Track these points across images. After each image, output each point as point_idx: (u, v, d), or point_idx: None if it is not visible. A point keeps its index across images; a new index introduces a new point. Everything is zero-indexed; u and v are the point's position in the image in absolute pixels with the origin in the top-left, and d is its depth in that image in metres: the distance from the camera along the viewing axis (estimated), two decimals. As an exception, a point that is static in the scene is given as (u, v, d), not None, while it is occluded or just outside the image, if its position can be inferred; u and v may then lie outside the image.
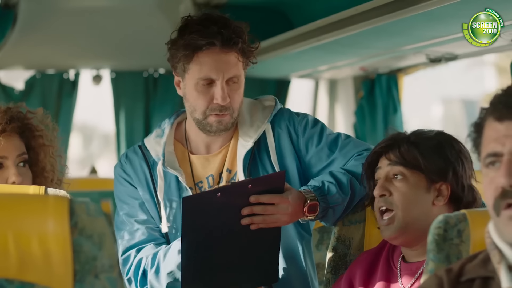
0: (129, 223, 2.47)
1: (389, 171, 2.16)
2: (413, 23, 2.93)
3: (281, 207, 2.23)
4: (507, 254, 1.53)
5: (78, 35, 4.91)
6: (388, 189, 2.15)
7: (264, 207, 2.23)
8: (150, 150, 2.50)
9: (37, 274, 1.65)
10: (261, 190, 2.23)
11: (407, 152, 2.14)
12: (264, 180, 2.27)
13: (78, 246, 1.67)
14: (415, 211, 2.12)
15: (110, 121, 5.43)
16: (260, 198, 2.22)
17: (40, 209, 1.67)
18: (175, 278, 2.34)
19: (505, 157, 1.50)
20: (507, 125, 1.51)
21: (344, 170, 2.38)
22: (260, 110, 2.52)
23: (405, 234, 2.13)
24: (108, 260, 1.68)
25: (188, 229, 2.22)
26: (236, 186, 2.27)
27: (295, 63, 4.58)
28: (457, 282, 1.59)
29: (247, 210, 2.22)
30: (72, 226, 1.66)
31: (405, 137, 2.18)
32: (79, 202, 1.68)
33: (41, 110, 2.65)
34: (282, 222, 2.26)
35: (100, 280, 1.67)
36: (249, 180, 2.26)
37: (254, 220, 2.23)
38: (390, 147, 2.18)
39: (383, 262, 2.21)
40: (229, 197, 2.21)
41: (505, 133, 1.51)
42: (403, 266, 2.17)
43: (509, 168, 1.49)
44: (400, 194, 2.13)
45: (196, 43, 2.35)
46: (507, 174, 1.49)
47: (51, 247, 1.65)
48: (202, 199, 2.24)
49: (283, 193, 2.25)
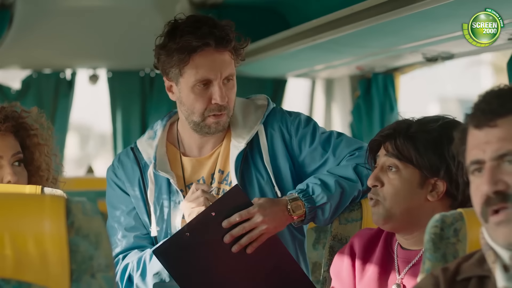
0: (117, 230, 2.47)
1: (384, 162, 2.15)
2: (409, 22, 2.93)
3: (255, 219, 2.24)
4: (501, 254, 1.53)
5: (75, 34, 4.91)
6: (380, 180, 2.14)
7: (241, 226, 2.23)
8: (142, 152, 2.49)
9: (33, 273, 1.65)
10: (228, 213, 2.22)
11: (402, 146, 2.13)
12: (223, 201, 2.25)
13: (75, 245, 1.66)
14: (403, 204, 2.11)
15: (107, 121, 5.43)
16: (230, 221, 2.23)
17: (37, 208, 1.67)
18: (161, 279, 2.34)
19: (487, 164, 1.52)
20: (486, 132, 1.52)
21: (330, 172, 2.39)
22: (253, 111, 2.51)
23: (391, 222, 2.12)
24: (105, 259, 1.68)
25: (177, 275, 2.23)
26: (199, 218, 2.23)
27: (292, 63, 4.57)
28: (453, 281, 1.59)
29: (228, 238, 2.23)
30: (69, 226, 1.66)
31: (405, 128, 2.16)
32: (76, 202, 1.68)
33: (36, 109, 2.64)
34: (267, 230, 2.25)
35: (96, 280, 1.67)
36: (210, 207, 2.24)
37: (241, 243, 2.23)
38: (388, 137, 2.17)
39: (382, 244, 2.20)
40: (200, 232, 2.20)
41: (484, 140, 1.53)
42: (400, 252, 2.16)
43: (490, 175, 1.51)
44: (390, 186, 2.13)
45: (190, 45, 2.33)
46: (489, 181, 1.50)
47: (47, 246, 1.65)
48: (173, 245, 2.23)
49: (250, 206, 2.25)
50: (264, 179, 2.44)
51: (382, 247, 2.20)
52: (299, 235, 2.51)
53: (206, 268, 2.24)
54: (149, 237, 2.45)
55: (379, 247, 2.20)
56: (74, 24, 4.80)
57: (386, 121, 4.54)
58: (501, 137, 1.51)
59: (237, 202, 2.24)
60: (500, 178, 1.50)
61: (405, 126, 2.17)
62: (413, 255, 2.13)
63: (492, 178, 1.50)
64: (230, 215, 2.23)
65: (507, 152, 1.50)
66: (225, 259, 2.24)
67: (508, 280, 1.51)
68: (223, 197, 2.29)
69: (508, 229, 1.50)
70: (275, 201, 2.30)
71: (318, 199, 2.32)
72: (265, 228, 2.24)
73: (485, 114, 1.53)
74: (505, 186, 1.50)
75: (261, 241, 2.25)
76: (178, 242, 2.21)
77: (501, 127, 1.51)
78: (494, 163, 1.51)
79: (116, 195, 2.50)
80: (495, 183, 1.50)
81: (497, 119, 1.52)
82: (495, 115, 1.52)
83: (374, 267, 2.17)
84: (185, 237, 2.19)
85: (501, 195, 1.50)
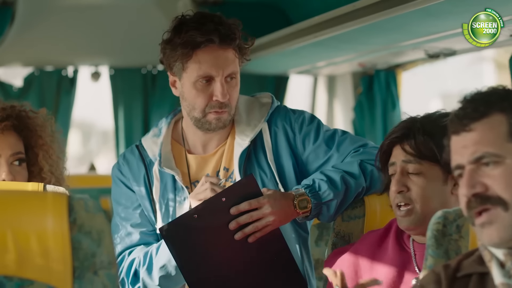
0: (123, 227, 2.48)
1: (404, 166, 2.13)
2: (411, 19, 2.92)
3: (264, 209, 2.24)
4: (495, 253, 1.56)
5: (77, 32, 4.91)
6: (405, 185, 2.13)
7: (248, 214, 2.23)
8: (147, 149, 2.50)
9: (36, 271, 1.65)
10: (238, 200, 2.23)
11: (423, 143, 2.11)
12: (236, 189, 2.26)
13: (77, 242, 1.67)
14: (433, 204, 2.10)
15: (109, 118, 5.43)
16: (239, 208, 2.23)
17: (39, 205, 1.67)
18: (167, 272, 2.35)
19: (466, 168, 1.54)
20: (463, 136, 1.56)
21: (337, 167, 2.39)
22: (257, 108, 2.51)
23: (422, 225, 2.09)
24: (107, 256, 1.68)
25: (178, 255, 2.23)
26: (209, 202, 2.25)
27: (294, 60, 4.57)
28: (454, 278, 1.60)
29: (233, 224, 2.23)
30: (71, 223, 1.66)
31: (421, 127, 2.13)
32: (78, 199, 1.68)
33: (44, 110, 2.64)
34: (273, 223, 2.26)
35: (99, 277, 1.67)
36: (221, 192, 2.25)
37: (246, 231, 2.24)
38: (405, 137, 2.14)
39: (394, 243, 2.18)
40: (208, 216, 2.21)
41: (462, 144, 1.56)
42: (417, 247, 2.15)
43: (468, 178, 1.53)
44: (418, 189, 2.11)
45: (194, 40, 2.34)
46: (467, 184, 1.53)
47: (50, 243, 1.65)
48: (180, 225, 2.24)
49: (261, 196, 2.25)
50: (268, 176, 2.44)
51: (394, 245, 2.18)
52: (303, 233, 2.51)
53: (206, 251, 2.25)
54: (155, 233, 2.46)
55: (391, 246, 2.18)
56: (76, 21, 4.80)
57: (388, 118, 4.54)
58: (476, 141, 1.54)
59: (248, 191, 2.24)
60: (479, 180, 1.53)
61: (419, 124, 2.15)
62: None
63: (470, 181, 1.53)
64: (239, 203, 2.23)
65: (483, 154, 1.53)
66: (226, 245, 2.25)
67: (504, 276, 1.53)
68: (235, 184, 2.30)
69: (491, 230, 1.52)
70: (284, 194, 2.30)
71: (325, 195, 2.32)
72: (271, 220, 2.24)
73: (461, 119, 1.56)
74: (484, 188, 1.52)
75: (264, 232, 2.25)
76: (185, 222, 2.22)
77: (475, 131, 1.54)
78: (473, 166, 1.54)
79: (121, 192, 2.51)
80: (473, 186, 1.53)
81: (472, 123, 1.55)
82: (470, 120, 1.55)
83: (388, 267, 2.15)
84: (193, 218, 2.20)
85: (480, 198, 1.53)
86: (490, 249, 1.56)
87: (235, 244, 2.24)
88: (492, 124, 1.54)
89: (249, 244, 2.25)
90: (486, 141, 1.53)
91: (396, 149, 2.17)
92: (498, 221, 1.51)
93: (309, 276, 2.52)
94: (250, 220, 2.24)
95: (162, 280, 2.37)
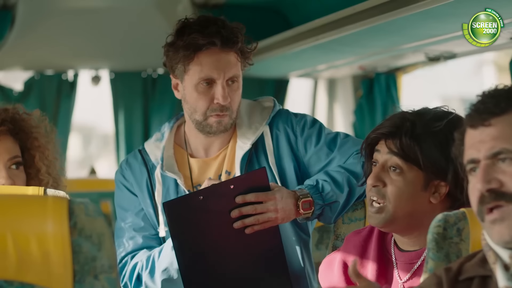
0: (126, 231, 2.48)
1: (386, 161, 2.07)
2: (411, 22, 2.92)
3: (269, 204, 2.23)
4: (501, 255, 1.54)
5: (77, 35, 4.91)
6: (382, 180, 2.07)
7: (253, 206, 2.23)
8: (150, 154, 2.51)
9: (36, 274, 1.65)
10: (245, 190, 2.23)
11: (408, 147, 2.04)
12: (246, 179, 2.26)
13: (77, 246, 1.66)
14: (406, 207, 2.04)
15: (109, 122, 5.43)
16: (246, 198, 2.22)
17: (39, 209, 1.67)
18: (169, 275, 2.35)
19: (482, 163, 1.53)
20: (481, 131, 1.55)
21: (341, 168, 2.38)
22: (259, 112, 2.52)
23: (393, 225, 2.06)
24: (108, 260, 1.68)
25: (175, 232, 2.23)
26: (218, 187, 2.25)
27: (294, 63, 4.58)
28: (455, 281, 1.59)
29: (236, 212, 2.22)
30: (71, 227, 1.66)
31: (409, 128, 2.06)
32: (78, 203, 1.68)
33: (38, 111, 2.63)
34: (275, 219, 2.25)
35: (99, 281, 1.67)
36: (231, 180, 2.26)
37: (246, 222, 2.23)
38: (392, 135, 2.08)
39: (376, 247, 2.15)
40: (213, 200, 2.21)
41: (479, 139, 1.55)
42: (398, 255, 2.10)
43: (484, 173, 1.52)
44: (394, 188, 2.05)
45: (196, 43, 2.35)
46: (483, 179, 1.52)
47: (50, 247, 1.65)
48: (184, 203, 2.24)
49: (269, 191, 2.25)
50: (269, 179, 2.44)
51: (377, 249, 2.14)
52: (304, 235, 2.51)
53: (202, 233, 2.25)
54: (158, 237, 2.47)
55: (373, 250, 2.15)
56: (76, 25, 4.80)
57: (389, 121, 4.53)
58: (495, 136, 1.53)
59: (256, 183, 2.24)
60: (494, 176, 1.52)
61: (409, 124, 2.07)
62: (414, 257, 2.07)
63: (486, 176, 1.52)
64: (246, 193, 2.23)
65: (501, 150, 1.52)
66: (223, 231, 2.25)
67: (509, 279, 1.52)
68: (247, 175, 2.31)
69: (502, 227, 1.51)
70: (290, 193, 2.30)
71: (328, 197, 2.32)
72: (273, 216, 2.24)
73: (480, 113, 1.55)
74: (499, 184, 1.51)
75: (264, 227, 2.25)
76: (189, 202, 2.23)
77: (495, 126, 1.53)
78: (489, 161, 1.53)
79: (124, 196, 2.51)
80: (488, 182, 1.51)
81: (491, 118, 1.54)
82: (490, 115, 1.54)
83: (371, 272, 2.12)
84: (198, 199, 2.21)
85: (495, 193, 1.51)
86: (496, 250, 1.54)
87: (232, 232, 2.24)
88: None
89: (245, 234, 2.25)
90: (505, 137, 1.52)
91: (381, 143, 2.11)
92: (510, 219, 1.50)
93: (310, 279, 2.52)
94: (253, 212, 2.23)
95: (164, 284, 2.37)
